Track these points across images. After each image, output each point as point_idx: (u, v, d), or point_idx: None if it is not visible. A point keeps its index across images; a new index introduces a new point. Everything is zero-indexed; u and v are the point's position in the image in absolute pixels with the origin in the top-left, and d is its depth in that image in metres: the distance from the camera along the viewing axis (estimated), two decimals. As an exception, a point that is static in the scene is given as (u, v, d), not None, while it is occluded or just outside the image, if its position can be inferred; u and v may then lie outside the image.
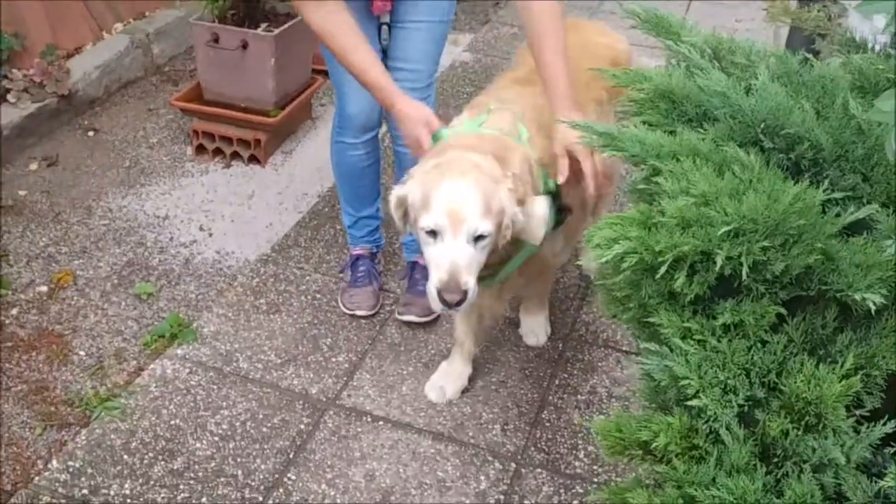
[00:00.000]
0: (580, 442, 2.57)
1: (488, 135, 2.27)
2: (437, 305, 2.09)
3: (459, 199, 2.05)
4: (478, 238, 2.06)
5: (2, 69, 3.92)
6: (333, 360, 2.84)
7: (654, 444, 1.40)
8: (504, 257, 2.27)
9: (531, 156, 2.27)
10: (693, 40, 1.91)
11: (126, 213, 3.54)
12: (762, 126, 1.63)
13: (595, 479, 2.45)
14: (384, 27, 2.67)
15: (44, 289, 3.10)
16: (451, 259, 2.05)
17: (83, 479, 2.39)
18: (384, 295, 3.10)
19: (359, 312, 3.01)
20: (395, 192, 2.19)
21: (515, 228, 2.14)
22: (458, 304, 2.06)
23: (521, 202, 2.12)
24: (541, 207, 2.16)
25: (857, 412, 1.37)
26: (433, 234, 2.07)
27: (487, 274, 2.24)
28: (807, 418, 1.34)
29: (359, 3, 2.55)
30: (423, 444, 2.55)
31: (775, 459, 1.36)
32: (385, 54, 2.71)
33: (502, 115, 2.35)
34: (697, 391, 1.39)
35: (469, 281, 2.06)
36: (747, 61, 1.87)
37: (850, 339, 1.43)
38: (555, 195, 2.28)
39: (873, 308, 1.36)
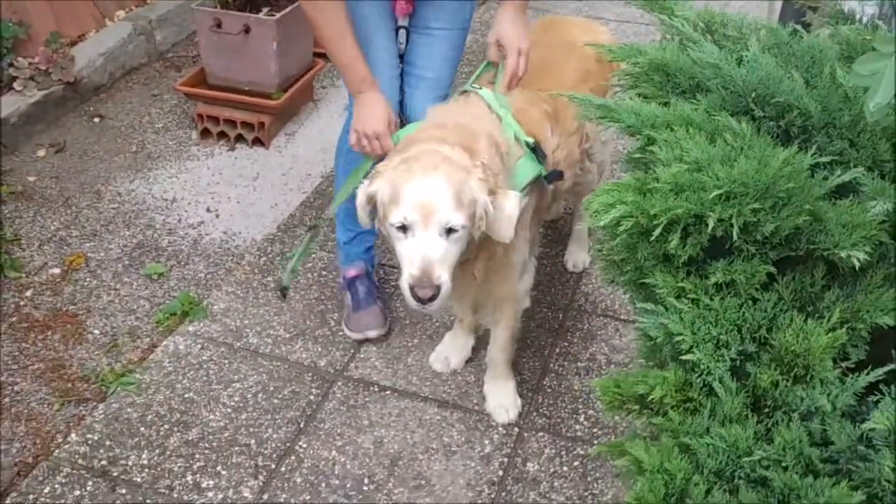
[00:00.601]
0: (580, 406, 2.66)
1: (451, 123, 2.25)
2: (410, 302, 2.04)
3: (429, 192, 2.02)
4: (450, 231, 2.03)
5: (7, 57, 3.97)
6: (340, 333, 2.92)
7: (651, 397, 1.47)
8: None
9: (498, 136, 2.26)
10: (686, 14, 1.98)
11: (134, 197, 3.61)
12: (753, 95, 1.70)
13: (595, 441, 2.53)
14: (401, 31, 2.62)
15: (56, 271, 3.18)
16: (423, 253, 2.01)
17: (102, 450, 2.48)
18: (388, 270, 3.16)
19: (370, 334, 2.87)
20: (363, 190, 2.16)
21: (487, 221, 2.10)
22: (432, 299, 2.01)
23: (491, 192, 2.09)
24: (510, 203, 2.12)
25: (843, 364, 1.44)
26: (403, 228, 2.04)
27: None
28: (795, 370, 1.41)
29: (379, 3, 2.54)
30: (429, 411, 2.64)
31: (766, 409, 1.43)
32: (401, 58, 2.66)
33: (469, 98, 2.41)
34: (691, 346, 1.46)
35: (442, 275, 2.02)
36: (739, 34, 1.94)
37: (836, 296, 1.50)
38: (535, 149, 2.29)
39: (858, 265, 1.44)
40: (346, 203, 2.71)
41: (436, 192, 2.02)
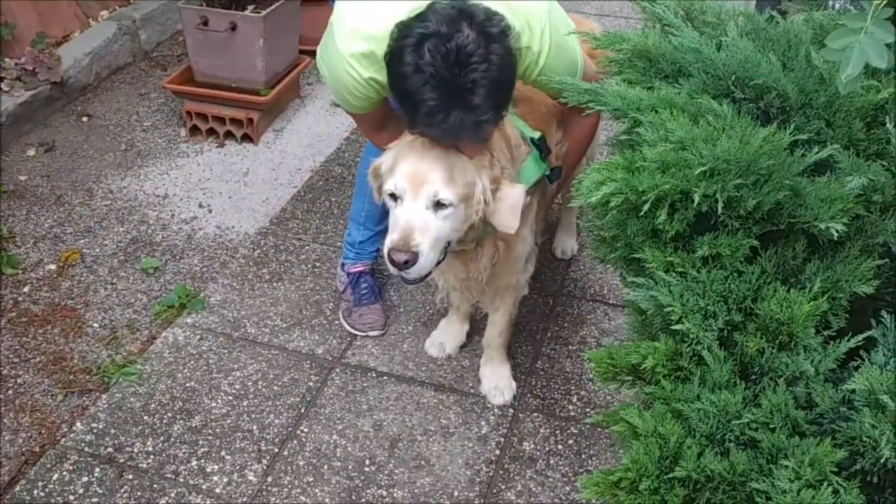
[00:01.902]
0: (573, 388, 2.74)
1: None
2: (389, 268, 2.10)
3: (422, 165, 2.07)
4: (439, 205, 2.07)
5: (-5, 58, 4.00)
6: (336, 322, 2.98)
7: (643, 366, 1.54)
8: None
9: (509, 129, 2.28)
10: (667, 3, 2.05)
11: (126, 194, 3.65)
12: (733, 78, 1.78)
13: (588, 420, 2.61)
14: None
15: (52, 267, 3.22)
16: (406, 220, 2.06)
17: (107, 438, 2.53)
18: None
19: (372, 333, 2.93)
20: (373, 162, 2.23)
21: (488, 210, 2.15)
22: (407, 264, 2.04)
23: (496, 180, 2.14)
24: (515, 195, 2.15)
25: (825, 332, 1.52)
26: (394, 197, 2.10)
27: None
28: (780, 338, 1.49)
29: None
30: (426, 395, 2.70)
31: (753, 376, 1.50)
32: None
33: None
34: (681, 317, 1.53)
35: (421, 243, 2.04)
36: (717, 20, 2.02)
37: (817, 267, 1.58)
38: (539, 146, 2.34)
39: (836, 236, 1.51)
40: (368, 205, 2.79)
41: (428, 165, 2.08)
